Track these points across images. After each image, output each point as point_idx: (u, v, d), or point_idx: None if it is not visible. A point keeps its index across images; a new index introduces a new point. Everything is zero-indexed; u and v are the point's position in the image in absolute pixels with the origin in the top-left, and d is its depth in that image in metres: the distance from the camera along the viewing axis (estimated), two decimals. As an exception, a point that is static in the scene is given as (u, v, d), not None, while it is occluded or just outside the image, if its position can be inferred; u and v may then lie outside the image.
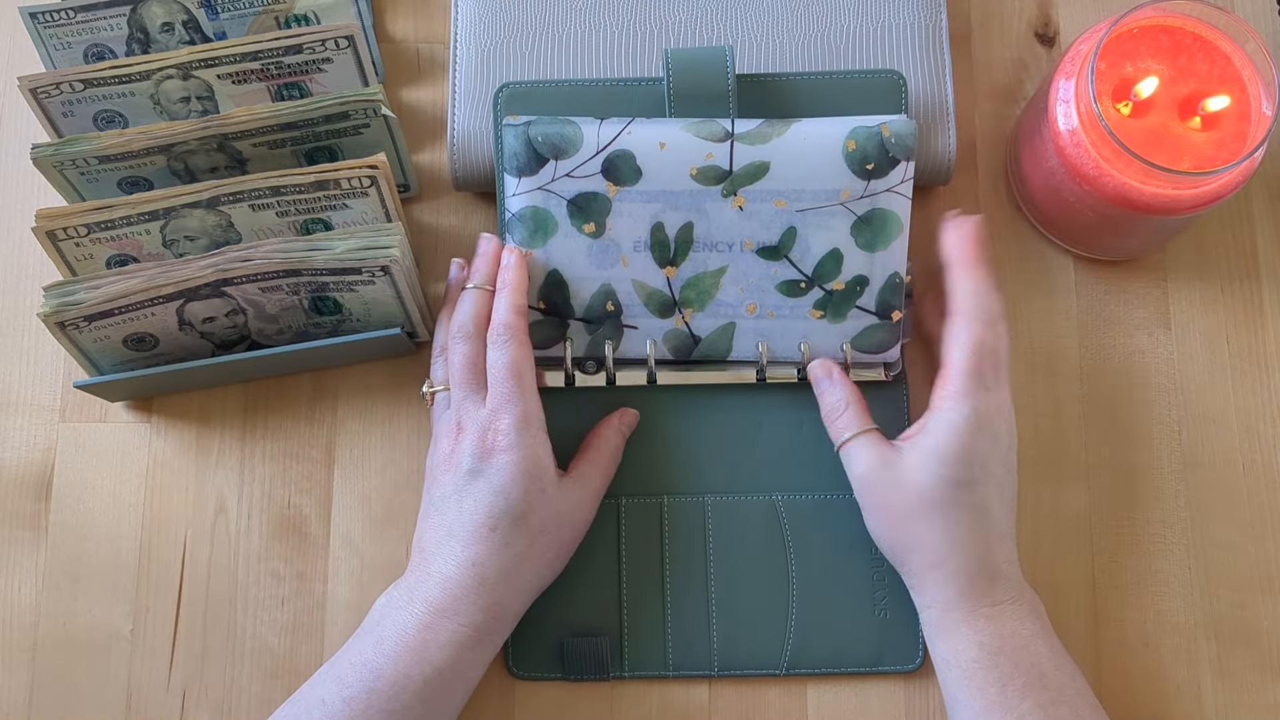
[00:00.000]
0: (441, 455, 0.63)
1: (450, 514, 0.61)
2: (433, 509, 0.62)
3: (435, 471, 0.63)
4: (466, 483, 0.61)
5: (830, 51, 0.71)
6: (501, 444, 0.61)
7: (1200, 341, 0.72)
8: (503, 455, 0.61)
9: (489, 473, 0.61)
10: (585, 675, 0.66)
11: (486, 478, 0.61)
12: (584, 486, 0.64)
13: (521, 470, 0.61)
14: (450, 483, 0.62)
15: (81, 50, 0.71)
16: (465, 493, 0.61)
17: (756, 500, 0.68)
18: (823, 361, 0.66)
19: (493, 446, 0.61)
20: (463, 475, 0.61)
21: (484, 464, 0.61)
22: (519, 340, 0.63)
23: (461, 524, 0.61)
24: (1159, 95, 0.65)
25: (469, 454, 0.61)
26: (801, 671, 0.67)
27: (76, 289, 0.65)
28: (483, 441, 0.61)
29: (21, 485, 0.70)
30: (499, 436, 0.61)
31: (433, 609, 0.59)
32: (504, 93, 0.69)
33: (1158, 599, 0.68)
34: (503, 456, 0.61)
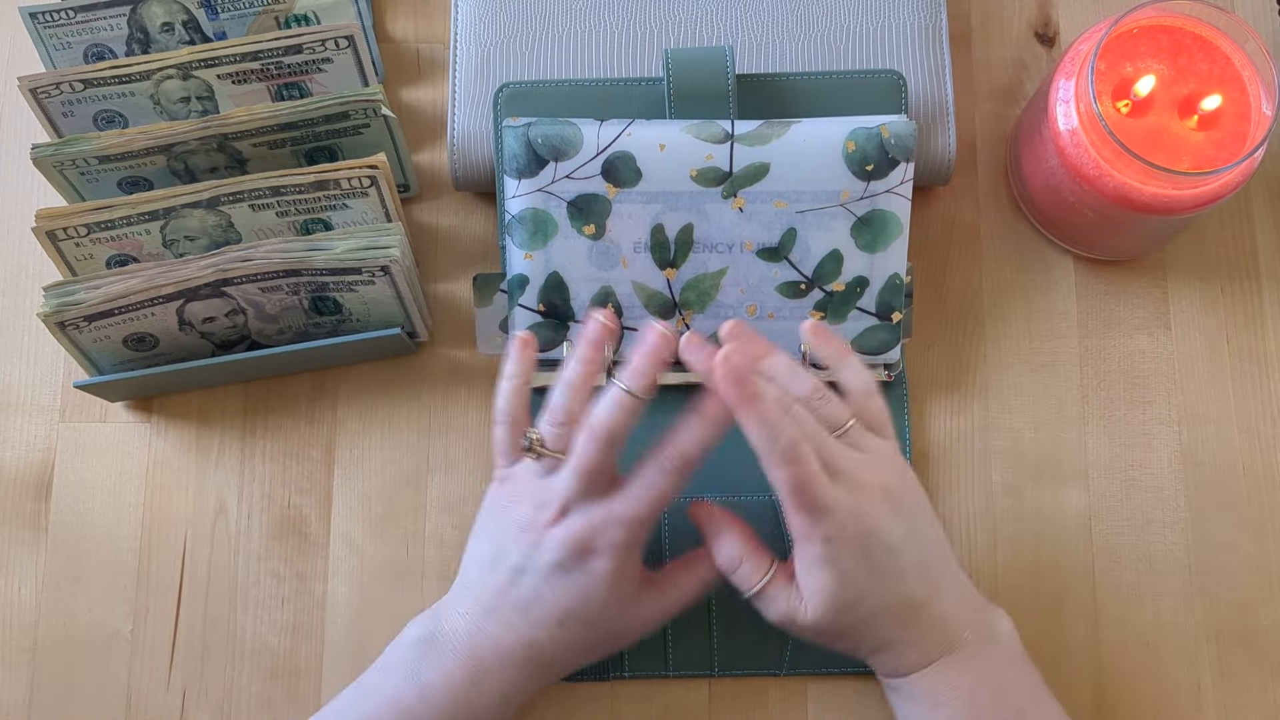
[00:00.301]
0: (526, 517, 0.60)
1: (524, 589, 0.59)
2: (500, 569, 0.59)
3: (513, 529, 0.60)
4: (552, 571, 0.58)
5: (830, 51, 0.71)
6: (606, 552, 0.58)
7: (1200, 341, 0.72)
8: (602, 562, 0.58)
9: (580, 574, 0.58)
10: (585, 675, 0.66)
11: (575, 577, 0.58)
12: (658, 611, 0.62)
13: (611, 585, 0.59)
14: (533, 557, 0.59)
15: (81, 50, 0.71)
16: (547, 579, 0.59)
17: (756, 500, 0.68)
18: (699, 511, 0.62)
19: (594, 549, 0.58)
20: (551, 559, 0.58)
21: (579, 562, 0.58)
22: (685, 478, 0.59)
23: (533, 607, 0.59)
24: (1159, 95, 0.65)
25: (565, 545, 0.58)
26: (801, 671, 0.67)
27: (76, 289, 0.65)
28: (588, 540, 0.58)
29: (21, 485, 0.70)
30: (605, 544, 0.58)
31: (480, 665, 0.58)
32: (504, 93, 0.69)
33: (1158, 599, 0.68)
34: (601, 564, 0.58)
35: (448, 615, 0.60)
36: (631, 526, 0.59)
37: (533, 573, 0.59)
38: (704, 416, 0.59)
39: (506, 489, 0.61)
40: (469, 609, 0.59)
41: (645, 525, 0.59)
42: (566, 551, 0.58)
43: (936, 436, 0.70)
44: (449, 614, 0.60)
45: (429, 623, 0.60)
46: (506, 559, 0.59)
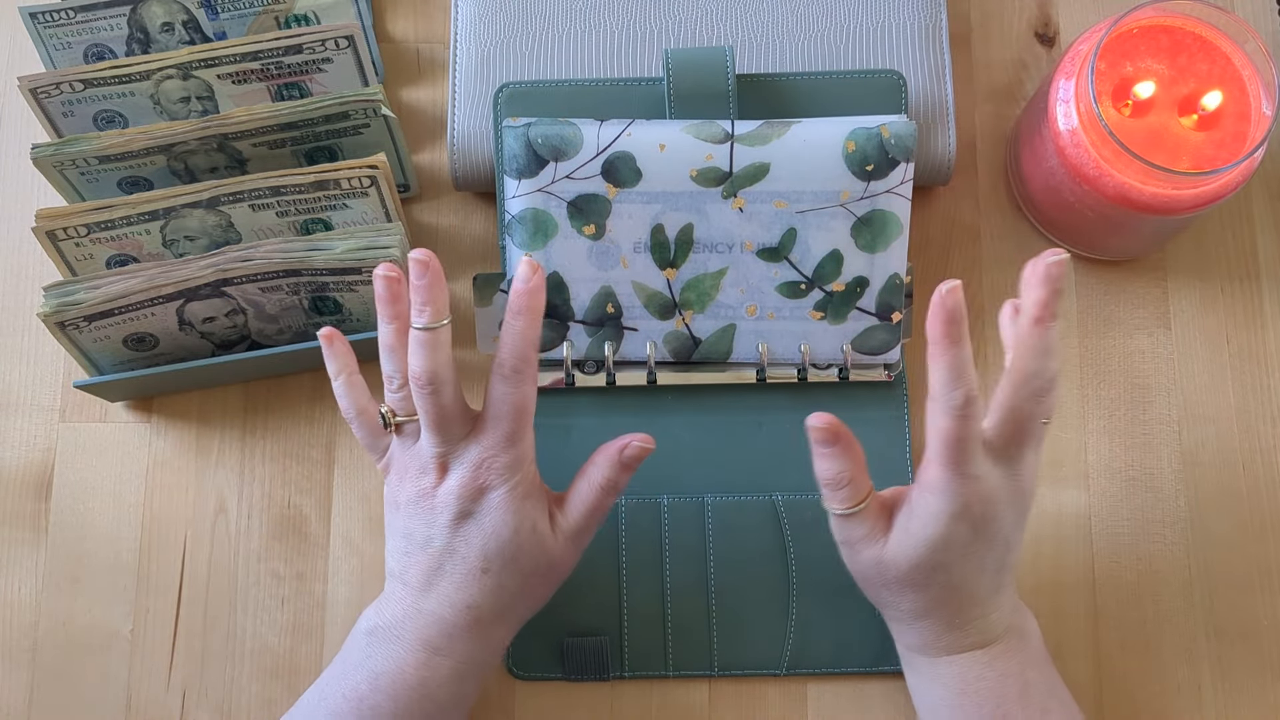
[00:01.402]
0: (414, 491, 0.59)
1: (437, 553, 0.59)
2: (414, 547, 0.59)
3: (409, 507, 0.60)
4: (456, 524, 0.58)
5: (830, 51, 0.71)
6: (495, 483, 0.58)
7: (1200, 341, 0.72)
8: (496, 494, 0.58)
9: (480, 514, 0.58)
10: (585, 675, 0.66)
11: (479, 519, 0.58)
12: (574, 534, 0.61)
13: (514, 510, 0.58)
14: (435, 522, 0.59)
15: (81, 50, 0.71)
16: (455, 533, 0.58)
17: (756, 500, 0.68)
18: (825, 424, 0.58)
19: (485, 486, 0.58)
20: (450, 515, 0.58)
21: (475, 504, 0.58)
22: (532, 378, 0.59)
23: (454, 566, 0.58)
24: (1159, 95, 0.65)
25: (457, 494, 0.58)
26: (801, 671, 0.67)
27: (76, 289, 0.65)
28: (475, 480, 0.58)
29: (21, 485, 0.70)
30: (493, 475, 0.58)
31: (428, 646, 0.58)
32: (504, 93, 0.69)
33: (1158, 599, 0.68)
34: (496, 495, 0.58)
35: (386, 606, 0.60)
36: (508, 447, 0.58)
37: (440, 535, 0.59)
38: (516, 311, 0.58)
39: (391, 476, 0.61)
40: (401, 595, 0.60)
41: (519, 440, 0.59)
42: (462, 500, 0.58)
43: (936, 436, 0.70)
44: (387, 605, 0.60)
45: (374, 615, 0.60)
46: (414, 537, 0.59)
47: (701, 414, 0.69)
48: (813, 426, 0.58)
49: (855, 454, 0.58)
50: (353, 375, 0.62)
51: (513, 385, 0.58)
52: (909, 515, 0.58)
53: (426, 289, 0.57)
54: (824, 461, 0.58)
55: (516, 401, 0.58)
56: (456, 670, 0.59)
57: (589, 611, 0.67)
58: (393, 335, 0.60)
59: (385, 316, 0.60)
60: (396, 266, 0.59)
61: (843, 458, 0.58)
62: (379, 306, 0.60)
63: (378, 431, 0.62)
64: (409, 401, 0.59)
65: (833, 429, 0.58)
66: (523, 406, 0.59)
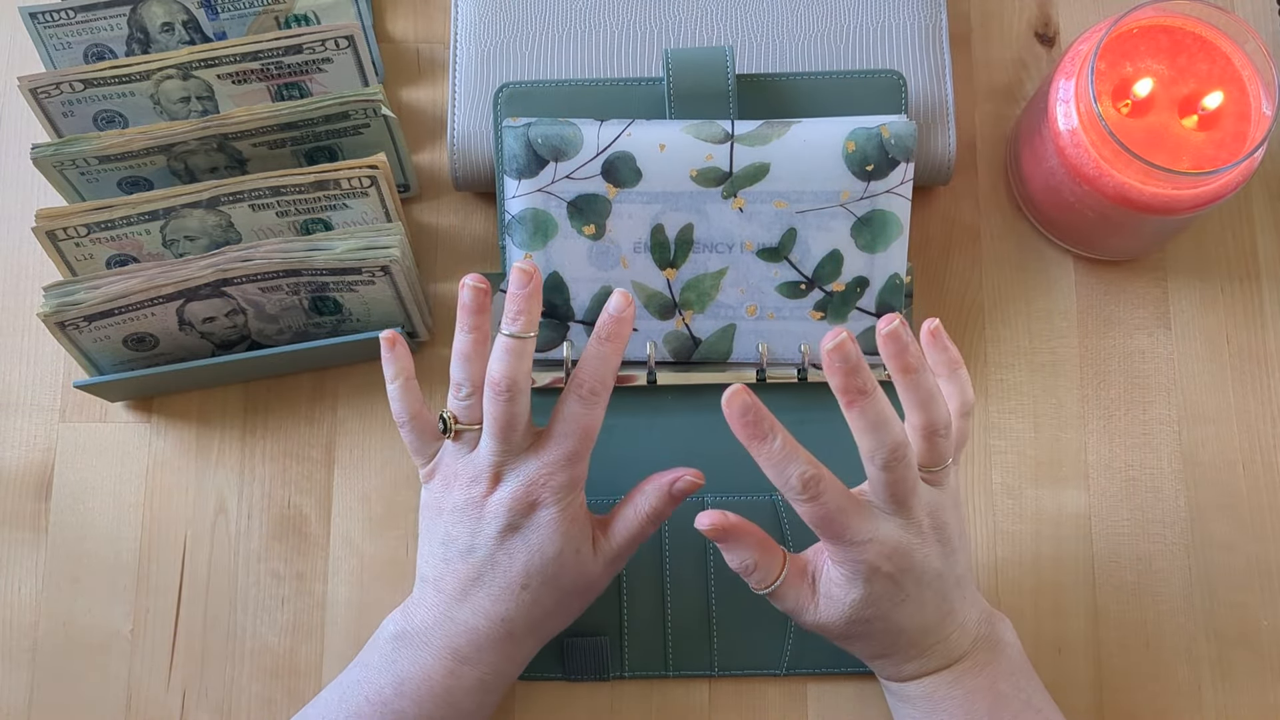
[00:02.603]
0: (463, 498, 0.59)
1: (478, 563, 0.59)
2: (453, 554, 0.59)
3: (454, 513, 0.60)
4: (502, 536, 0.58)
5: (830, 51, 0.71)
6: (548, 500, 0.58)
7: (1200, 341, 0.72)
8: (547, 512, 0.58)
9: (528, 529, 0.58)
10: (585, 675, 0.66)
11: (526, 535, 0.58)
12: (614, 558, 0.62)
13: (562, 530, 0.58)
14: (481, 531, 0.59)
15: (81, 50, 0.71)
16: (500, 546, 0.58)
17: (756, 500, 0.68)
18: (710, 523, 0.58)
19: (537, 501, 0.58)
20: (499, 526, 0.58)
21: (526, 519, 0.58)
22: (605, 402, 0.59)
23: (494, 578, 0.58)
24: (1159, 95, 0.65)
25: (509, 507, 0.58)
26: (801, 671, 0.67)
27: (76, 289, 0.65)
28: (528, 495, 0.58)
29: (21, 485, 0.70)
30: (547, 493, 0.58)
31: (457, 656, 0.58)
32: (504, 93, 0.69)
33: (1158, 599, 0.68)
34: (546, 513, 0.58)
35: (416, 612, 0.60)
36: (567, 466, 0.59)
37: (484, 545, 0.59)
38: (604, 337, 0.59)
39: (435, 482, 0.61)
40: (434, 602, 0.59)
41: (579, 461, 0.59)
42: (512, 512, 0.58)
43: (936, 436, 0.70)
44: (417, 610, 0.60)
45: (401, 620, 0.60)
46: (455, 544, 0.59)
47: (701, 414, 0.69)
48: (701, 528, 0.58)
49: (752, 539, 0.59)
50: (410, 380, 0.62)
51: (587, 406, 0.59)
52: (826, 582, 0.58)
53: (526, 298, 0.58)
54: (728, 555, 0.59)
55: (587, 423, 0.59)
56: (483, 680, 0.59)
57: (589, 611, 0.67)
58: (470, 344, 0.59)
59: (466, 325, 0.59)
60: (486, 279, 0.60)
61: (739, 548, 0.59)
62: (462, 315, 0.59)
63: (429, 436, 0.62)
64: (473, 410, 0.59)
65: (718, 526, 0.58)
66: (591, 429, 0.59)
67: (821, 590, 0.58)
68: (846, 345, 0.53)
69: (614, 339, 0.59)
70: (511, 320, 0.58)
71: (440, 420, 0.60)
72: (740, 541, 0.59)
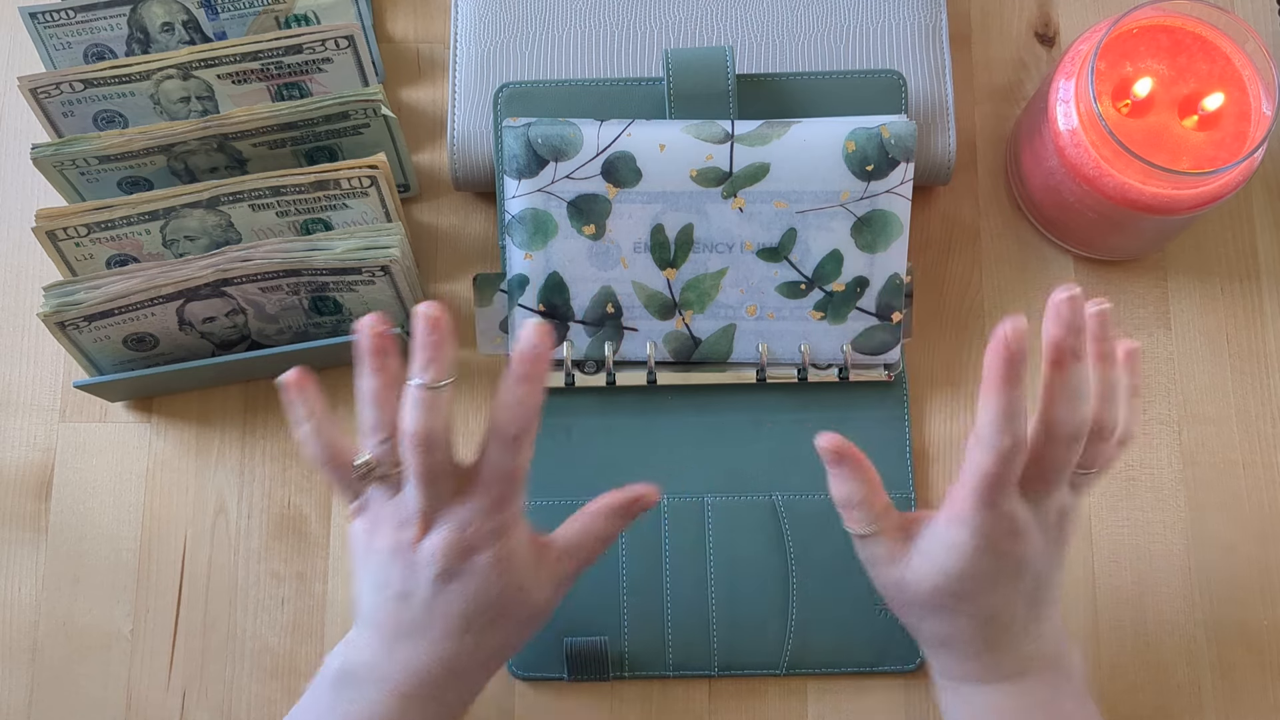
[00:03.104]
0: (391, 542, 0.56)
1: (417, 607, 0.56)
2: (389, 597, 0.56)
3: (385, 555, 0.56)
4: (439, 582, 0.55)
5: (830, 51, 0.71)
6: (483, 545, 0.55)
7: (1200, 341, 0.72)
8: (483, 556, 0.55)
9: (466, 574, 0.55)
10: (585, 675, 0.66)
11: (464, 581, 0.55)
12: (561, 581, 0.59)
13: (500, 572, 0.56)
14: (416, 577, 0.56)
15: (81, 50, 0.71)
16: (437, 593, 0.55)
17: (756, 500, 0.68)
18: (829, 443, 0.57)
19: (473, 547, 0.55)
20: (434, 573, 0.55)
21: (461, 564, 0.55)
22: (530, 445, 0.55)
23: (433, 623, 0.56)
24: (1159, 95, 0.65)
25: (442, 554, 0.55)
26: (801, 671, 0.67)
27: (76, 289, 0.65)
28: (461, 541, 0.55)
29: (21, 485, 0.70)
30: (481, 538, 0.55)
31: (404, 695, 0.56)
32: (504, 93, 0.69)
33: (1158, 599, 0.68)
34: (483, 558, 0.55)
35: (358, 650, 0.57)
36: (496, 512, 0.56)
37: (420, 593, 0.56)
38: (520, 377, 0.54)
39: (364, 521, 0.58)
40: (373, 639, 0.57)
41: (509, 505, 0.56)
42: (447, 559, 0.55)
43: (936, 436, 0.70)
44: (359, 652, 0.57)
45: (343, 657, 0.57)
46: (389, 587, 0.56)
47: (701, 414, 0.69)
48: (820, 446, 0.57)
49: (865, 474, 0.57)
50: (323, 419, 0.57)
51: (511, 453, 0.55)
52: (932, 540, 0.56)
53: (435, 346, 0.54)
54: (833, 482, 0.57)
55: (512, 469, 0.55)
56: (437, 714, 0.57)
57: (589, 611, 0.67)
58: (377, 387, 0.56)
59: (370, 368, 0.56)
60: (386, 319, 0.56)
61: (851, 479, 0.57)
62: (364, 358, 0.56)
63: (351, 479, 0.57)
64: (394, 451, 0.56)
65: (837, 448, 0.57)
66: (517, 474, 0.56)
67: (920, 548, 0.56)
68: (1079, 301, 0.52)
69: (530, 379, 0.54)
70: (421, 370, 0.54)
71: (357, 466, 0.56)
72: (854, 471, 0.57)
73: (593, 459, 0.68)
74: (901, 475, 0.68)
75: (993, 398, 0.53)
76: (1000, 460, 0.53)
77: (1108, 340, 0.55)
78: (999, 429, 0.53)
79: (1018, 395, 0.52)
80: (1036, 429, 0.55)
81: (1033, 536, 0.56)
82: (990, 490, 0.54)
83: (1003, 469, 0.54)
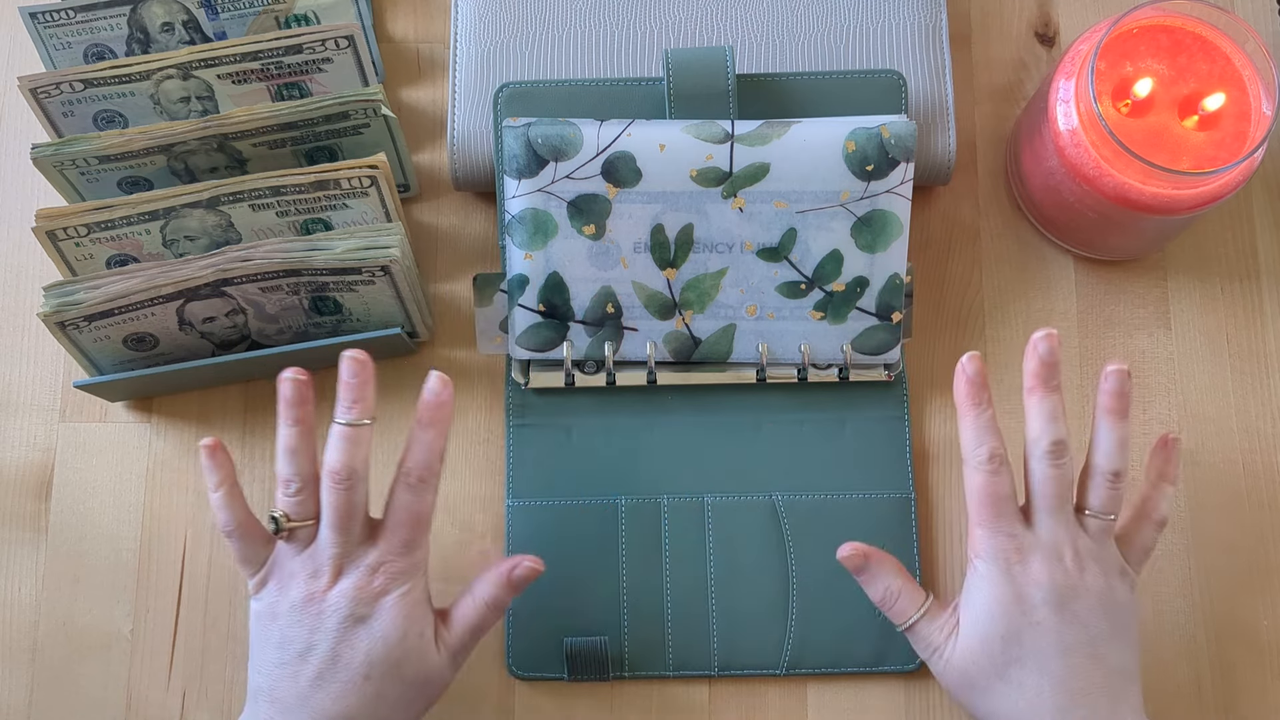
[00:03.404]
0: (301, 595, 0.58)
1: (317, 663, 0.57)
2: (289, 657, 0.57)
3: (291, 613, 0.58)
4: (344, 628, 0.57)
5: (830, 51, 0.71)
6: (391, 587, 0.58)
7: (1200, 341, 0.72)
8: (389, 598, 0.58)
9: (371, 618, 0.57)
10: (585, 675, 0.66)
11: (369, 625, 0.57)
12: (456, 650, 0.60)
13: (404, 614, 0.58)
14: (320, 627, 0.57)
15: (81, 50, 0.71)
16: (342, 638, 0.57)
17: (756, 500, 0.68)
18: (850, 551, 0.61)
19: (382, 590, 0.58)
20: (340, 618, 0.57)
21: (368, 608, 0.57)
22: (434, 488, 0.60)
23: (334, 674, 0.57)
24: (1159, 95, 0.65)
25: (351, 596, 0.57)
26: (801, 671, 0.67)
27: (76, 289, 0.65)
28: (369, 583, 0.58)
29: (21, 485, 0.70)
30: (390, 581, 0.58)
31: None
32: (504, 93, 0.69)
33: (1158, 599, 0.68)
34: (389, 599, 0.58)
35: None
36: (405, 554, 0.59)
37: (324, 641, 0.57)
38: (425, 423, 0.59)
39: (270, 587, 0.59)
40: (268, 715, 0.57)
41: (416, 548, 0.59)
42: (355, 602, 0.57)
43: (936, 436, 0.70)
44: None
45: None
46: (293, 645, 0.57)
47: (701, 414, 0.69)
48: (842, 557, 0.61)
49: (893, 566, 0.61)
50: (234, 487, 0.60)
51: (416, 495, 0.59)
52: (967, 591, 0.59)
53: (359, 387, 0.59)
54: (868, 587, 0.61)
55: (418, 510, 0.59)
56: None
57: (589, 611, 0.67)
58: (296, 437, 0.59)
59: (289, 419, 0.59)
60: (305, 371, 0.60)
61: (883, 575, 0.60)
62: (283, 408, 0.59)
63: (259, 543, 0.60)
64: (305, 505, 0.59)
65: (858, 554, 0.61)
66: (424, 515, 0.59)
67: (963, 609, 0.59)
68: (1055, 342, 0.59)
69: (435, 424, 0.59)
70: (346, 409, 0.59)
71: (271, 520, 0.59)
72: (881, 569, 0.61)
73: (593, 459, 0.69)
74: (901, 475, 0.68)
75: (965, 420, 0.59)
76: (984, 471, 0.58)
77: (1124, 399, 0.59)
78: (976, 441, 0.58)
79: (987, 414, 0.59)
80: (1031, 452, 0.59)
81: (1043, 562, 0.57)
82: (986, 508, 0.57)
83: (989, 480, 0.58)
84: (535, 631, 0.66)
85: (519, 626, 0.66)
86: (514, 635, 0.66)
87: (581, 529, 0.68)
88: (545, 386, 0.69)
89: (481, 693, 0.67)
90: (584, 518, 0.68)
